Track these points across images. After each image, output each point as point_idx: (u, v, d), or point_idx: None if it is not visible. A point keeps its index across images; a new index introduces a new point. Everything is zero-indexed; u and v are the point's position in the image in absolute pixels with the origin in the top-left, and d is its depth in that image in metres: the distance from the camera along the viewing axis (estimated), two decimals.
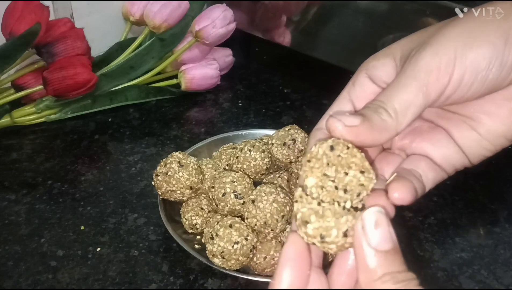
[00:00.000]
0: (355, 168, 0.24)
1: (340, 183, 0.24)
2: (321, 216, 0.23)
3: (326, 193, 0.23)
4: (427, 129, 0.30)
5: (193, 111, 0.62)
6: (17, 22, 0.53)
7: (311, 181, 0.24)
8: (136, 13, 0.62)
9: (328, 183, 0.23)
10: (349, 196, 0.23)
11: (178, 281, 0.40)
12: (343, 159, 0.24)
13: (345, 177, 0.24)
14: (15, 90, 0.57)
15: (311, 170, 0.24)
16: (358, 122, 0.24)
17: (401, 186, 0.25)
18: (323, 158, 0.24)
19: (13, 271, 0.40)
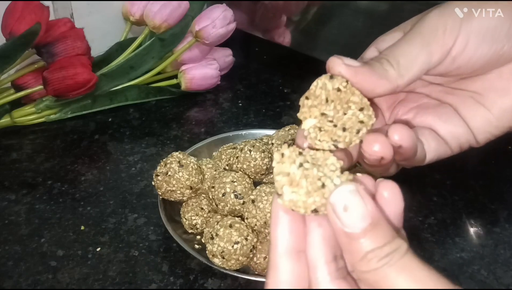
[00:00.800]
0: (354, 106, 0.23)
1: (339, 122, 0.23)
2: (295, 185, 0.21)
3: (324, 133, 0.23)
4: (433, 105, 0.29)
5: (193, 111, 0.62)
6: (17, 22, 0.53)
7: (309, 122, 0.23)
8: (136, 13, 0.62)
9: (327, 123, 0.23)
10: (348, 134, 0.23)
11: (178, 281, 0.40)
12: (342, 94, 0.23)
13: (343, 117, 0.23)
14: (15, 90, 0.57)
15: (309, 110, 0.23)
16: (358, 64, 0.24)
17: (402, 128, 0.24)
18: (321, 93, 0.23)
19: (13, 271, 0.40)
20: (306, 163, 0.22)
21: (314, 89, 0.24)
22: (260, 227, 0.39)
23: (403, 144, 0.24)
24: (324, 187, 0.21)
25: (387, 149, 0.24)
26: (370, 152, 0.24)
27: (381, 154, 0.24)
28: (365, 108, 0.23)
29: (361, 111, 0.23)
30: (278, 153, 0.22)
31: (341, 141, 0.23)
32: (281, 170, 0.21)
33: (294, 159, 0.22)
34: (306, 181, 0.21)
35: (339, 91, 0.23)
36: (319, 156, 0.23)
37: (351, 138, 0.23)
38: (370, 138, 0.24)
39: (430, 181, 0.50)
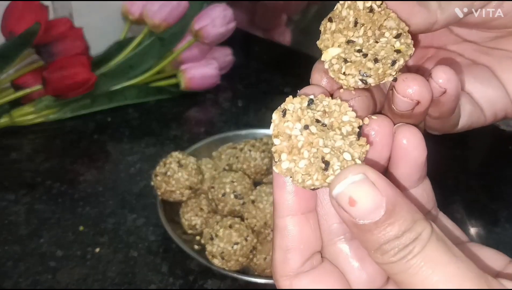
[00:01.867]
0: (388, 33, 0.19)
1: (370, 50, 0.19)
2: (296, 153, 0.17)
3: (350, 64, 0.18)
4: (467, 64, 0.25)
5: (193, 111, 0.62)
6: (16, 22, 0.53)
7: (332, 52, 0.19)
8: (136, 13, 0.62)
9: (355, 53, 0.19)
10: (381, 66, 0.18)
11: (178, 282, 0.40)
12: (375, 16, 0.19)
13: (375, 45, 0.19)
14: (15, 90, 0.57)
15: (332, 36, 0.19)
16: None
17: (448, 70, 0.20)
18: (349, 14, 0.19)
19: (12, 271, 0.40)
20: (313, 124, 0.18)
21: (340, 8, 0.19)
22: (260, 228, 0.39)
23: (448, 89, 0.19)
24: (327, 168, 0.17)
25: (426, 91, 0.19)
26: (405, 93, 0.19)
27: (417, 96, 0.19)
28: (402, 34, 0.19)
29: (397, 39, 0.19)
30: (279, 110, 0.18)
31: (372, 75, 0.18)
32: (282, 130, 0.18)
33: (299, 116, 0.18)
34: (309, 152, 0.17)
35: (371, 11, 0.19)
36: (334, 108, 0.18)
37: (384, 71, 0.18)
38: (406, 76, 0.19)
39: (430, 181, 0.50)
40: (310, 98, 0.19)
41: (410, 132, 0.19)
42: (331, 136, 0.17)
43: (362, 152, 0.17)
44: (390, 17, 0.19)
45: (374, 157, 0.19)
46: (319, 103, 0.19)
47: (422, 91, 0.19)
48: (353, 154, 0.17)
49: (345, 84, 0.19)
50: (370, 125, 0.19)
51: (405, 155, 0.19)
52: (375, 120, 0.19)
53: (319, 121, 0.18)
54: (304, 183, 0.17)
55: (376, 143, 0.19)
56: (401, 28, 0.19)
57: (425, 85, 0.19)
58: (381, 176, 0.16)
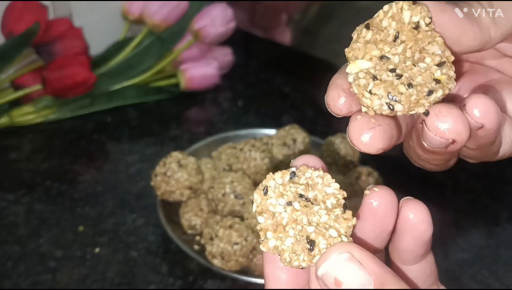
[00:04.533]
0: (430, 58, 0.16)
1: (405, 72, 0.16)
2: (281, 230, 0.17)
3: (379, 84, 0.16)
4: (507, 82, 0.22)
5: (193, 111, 0.62)
6: (16, 22, 0.53)
7: (360, 64, 0.17)
8: (135, 12, 0.62)
9: (387, 72, 0.16)
10: (415, 92, 0.16)
11: (177, 282, 0.40)
12: (420, 35, 0.16)
13: (412, 68, 0.16)
14: (14, 90, 0.57)
15: (365, 47, 0.17)
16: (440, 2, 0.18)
17: (486, 100, 0.17)
18: (391, 26, 0.17)
19: (12, 271, 0.40)
20: (296, 199, 0.17)
21: (381, 17, 0.17)
22: None
23: (486, 124, 0.17)
24: (313, 248, 0.16)
25: (463, 129, 0.17)
26: (437, 131, 0.16)
27: (452, 135, 0.17)
28: (446, 64, 0.16)
29: (439, 67, 0.16)
30: (260, 189, 0.17)
31: (402, 101, 0.16)
32: (265, 208, 0.17)
33: (281, 192, 0.17)
34: (295, 229, 0.16)
35: (417, 28, 0.16)
36: (317, 180, 0.17)
37: (418, 99, 0.16)
38: (440, 109, 0.17)
39: (431, 182, 0.50)
40: (292, 171, 0.18)
41: (417, 207, 0.18)
42: (315, 211, 0.17)
43: (349, 227, 0.17)
44: (435, 41, 0.17)
45: (376, 230, 0.18)
46: (302, 175, 0.18)
47: (458, 129, 0.17)
48: (339, 230, 0.17)
49: (368, 105, 0.16)
50: (372, 197, 0.18)
51: (410, 230, 0.18)
52: (377, 193, 0.18)
53: (302, 195, 0.17)
54: (292, 263, 0.17)
55: (378, 216, 0.18)
56: (445, 56, 0.17)
57: (462, 121, 0.17)
58: (368, 254, 0.16)
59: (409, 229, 0.18)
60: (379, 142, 0.17)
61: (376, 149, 0.17)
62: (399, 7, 0.17)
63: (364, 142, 0.17)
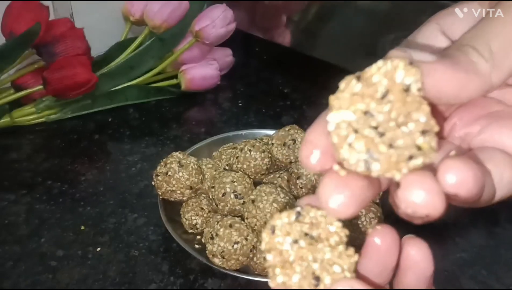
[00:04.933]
0: (414, 124, 0.16)
1: (388, 132, 0.16)
2: (288, 267, 0.17)
3: (360, 138, 0.16)
4: (508, 115, 0.20)
5: (193, 111, 0.62)
6: (16, 22, 0.53)
7: (342, 115, 0.16)
8: (136, 13, 0.62)
9: (368, 128, 0.16)
10: (395, 154, 0.15)
11: (178, 281, 0.40)
12: (409, 98, 0.16)
13: (396, 129, 0.16)
14: (15, 90, 0.57)
15: (352, 98, 0.16)
16: (433, 58, 0.16)
17: (460, 164, 0.15)
18: (382, 82, 0.16)
19: (12, 271, 0.40)
20: (302, 238, 0.17)
21: (373, 71, 0.16)
22: (260, 227, 0.39)
23: (461, 193, 0.16)
24: (319, 283, 0.17)
25: (437, 202, 0.16)
26: (408, 205, 0.16)
27: (425, 210, 0.16)
28: (429, 133, 0.16)
29: (422, 135, 0.16)
30: (268, 228, 0.18)
31: (380, 160, 0.16)
32: (273, 246, 0.18)
33: (287, 231, 0.18)
34: (301, 266, 0.17)
35: (407, 91, 0.16)
36: (320, 220, 0.18)
37: (398, 162, 0.16)
38: (411, 181, 0.16)
39: None
40: (297, 211, 0.18)
41: (419, 245, 0.18)
42: (320, 248, 0.17)
43: (351, 263, 0.17)
44: (422, 108, 0.16)
45: (379, 267, 0.19)
46: (306, 215, 0.18)
47: (431, 204, 0.16)
48: (343, 266, 0.17)
49: (344, 158, 0.16)
50: (374, 235, 0.18)
51: (412, 267, 0.18)
52: (379, 231, 0.18)
53: (307, 234, 0.18)
54: None
55: (381, 254, 0.18)
56: (430, 126, 0.16)
57: (437, 194, 0.15)
58: (369, 288, 0.16)
59: (411, 266, 0.18)
60: (349, 208, 0.16)
61: (346, 215, 0.16)
62: (395, 65, 0.16)
63: (333, 207, 0.16)
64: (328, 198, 0.16)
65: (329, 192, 0.16)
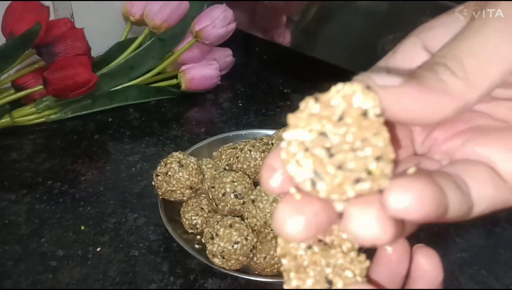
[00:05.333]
0: (371, 149, 0.16)
1: (338, 154, 0.16)
2: (302, 271, 0.18)
3: (309, 156, 0.16)
4: (496, 129, 0.19)
5: (193, 111, 0.62)
6: (17, 22, 0.53)
7: (297, 134, 0.16)
8: (136, 13, 0.62)
9: (320, 149, 0.16)
10: (341, 176, 0.15)
11: (178, 281, 0.40)
12: (366, 123, 0.16)
13: (349, 153, 0.16)
14: (15, 90, 0.57)
15: (309, 118, 0.16)
16: (399, 82, 0.16)
17: (411, 183, 0.15)
18: (340, 106, 0.16)
19: (13, 271, 0.40)
20: (316, 244, 0.18)
21: (333, 94, 0.16)
22: (260, 227, 0.39)
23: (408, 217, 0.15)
24: (331, 287, 0.17)
25: (381, 233, 0.15)
26: (352, 235, 0.15)
27: (370, 240, 0.15)
28: (384, 159, 0.16)
29: (376, 161, 0.15)
30: None
31: (326, 180, 0.16)
32: (288, 251, 0.18)
33: None
34: (314, 271, 0.18)
35: (364, 116, 0.16)
36: (333, 227, 0.18)
37: (342, 184, 0.15)
38: (355, 211, 0.15)
39: None
40: None
41: (429, 254, 0.19)
42: (332, 254, 0.18)
43: (363, 269, 0.18)
44: (381, 134, 0.16)
45: (390, 274, 0.19)
46: None
47: (374, 235, 0.15)
48: (354, 271, 0.18)
49: (292, 175, 0.16)
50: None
51: (423, 276, 0.19)
52: None
53: (321, 240, 0.18)
54: None
55: (392, 262, 0.19)
56: (386, 152, 0.16)
57: (381, 225, 0.15)
58: None
59: (421, 275, 0.19)
60: (302, 232, 0.16)
61: (301, 239, 0.16)
62: (353, 89, 0.16)
63: (287, 232, 0.16)
64: (282, 223, 0.16)
65: (283, 218, 0.16)
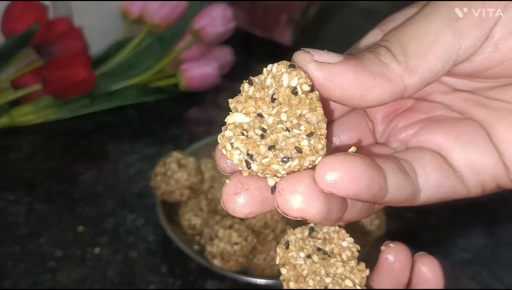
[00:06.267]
0: (304, 126, 0.16)
1: (271, 135, 0.16)
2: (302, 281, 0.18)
3: (243, 139, 0.16)
4: (452, 119, 0.19)
5: (193, 110, 0.62)
6: (16, 22, 0.53)
7: (236, 117, 0.16)
8: (135, 12, 0.62)
9: (257, 129, 0.16)
10: (271, 156, 0.16)
11: (177, 282, 0.40)
12: (295, 100, 0.16)
13: (281, 132, 0.16)
14: (14, 90, 0.57)
15: (246, 101, 0.16)
16: (338, 59, 0.16)
17: (342, 158, 0.15)
18: (271, 86, 0.16)
19: (12, 271, 0.40)
20: (315, 253, 0.18)
21: (265, 75, 0.17)
22: (259, 228, 0.39)
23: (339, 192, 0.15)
24: None
25: (310, 207, 0.15)
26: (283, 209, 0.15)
27: (299, 213, 0.15)
28: (315, 135, 0.16)
29: (308, 137, 0.16)
30: (282, 244, 0.19)
31: (255, 161, 0.16)
32: (287, 260, 0.18)
33: (301, 246, 0.18)
34: (314, 280, 0.18)
35: (294, 93, 0.16)
36: (333, 235, 0.19)
37: (270, 163, 0.16)
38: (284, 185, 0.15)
39: None
40: (311, 227, 0.19)
41: (430, 262, 0.19)
42: (332, 263, 0.18)
43: (362, 277, 0.18)
44: (315, 109, 0.16)
45: (392, 283, 0.20)
46: (319, 230, 0.19)
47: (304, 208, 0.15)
48: (354, 280, 0.18)
49: (228, 157, 0.16)
50: (388, 253, 0.19)
51: (424, 283, 0.19)
52: (393, 249, 0.19)
53: (320, 249, 0.19)
54: None
55: (394, 271, 0.20)
56: (318, 128, 0.16)
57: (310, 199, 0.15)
58: None
59: (423, 283, 0.19)
60: (245, 207, 0.16)
61: (244, 214, 0.16)
62: (279, 68, 0.16)
63: (231, 207, 0.16)
64: (227, 199, 0.16)
65: (228, 194, 0.16)
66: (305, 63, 0.16)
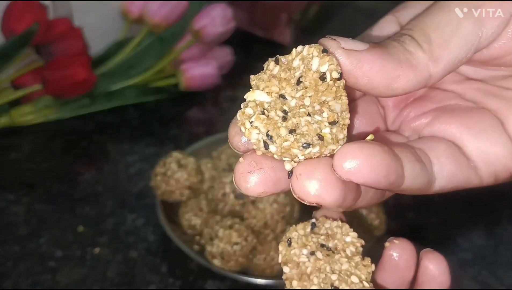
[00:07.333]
0: (326, 114, 0.16)
1: (293, 118, 0.15)
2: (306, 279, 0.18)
3: (263, 119, 0.16)
4: (463, 108, 0.19)
5: (193, 111, 0.62)
6: (16, 22, 0.53)
7: (257, 95, 0.16)
8: (135, 12, 0.62)
9: (278, 111, 0.16)
10: (292, 140, 0.15)
11: (177, 282, 0.40)
12: (323, 87, 0.16)
13: (304, 116, 0.16)
14: (14, 90, 0.57)
15: (270, 80, 0.16)
16: (365, 47, 0.16)
17: (361, 146, 0.15)
18: (298, 68, 0.16)
19: (12, 271, 0.40)
20: (319, 249, 0.18)
21: (293, 56, 0.16)
22: (260, 228, 0.39)
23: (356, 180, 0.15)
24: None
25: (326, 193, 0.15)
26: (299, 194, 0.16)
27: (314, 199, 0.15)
28: (338, 124, 0.16)
29: (330, 125, 0.16)
30: (284, 241, 0.18)
31: (276, 143, 0.15)
32: (290, 258, 0.18)
33: (304, 243, 0.18)
34: (318, 278, 0.17)
35: (322, 79, 0.16)
36: (336, 231, 0.18)
37: (290, 147, 0.15)
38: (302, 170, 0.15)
39: None
40: (313, 222, 0.19)
41: (437, 259, 0.19)
42: (336, 259, 0.18)
43: (368, 273, 0.18)
44: (340, 97, 0.16)
45: (397, 280, 0.20)
46: (322, 226, 0.19)
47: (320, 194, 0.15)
48: (360, 276, 0.18)
49: (246, 136, 0.16)
50: (392, 249, 0.19)
51: (430, 281, 0.19)
52: (397, 245, 0.19)
53: (324, 245, 0.18)
54: None
55: (399, 268, 0.19)
56: (342, 117, 0.16)
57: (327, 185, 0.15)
58: None
59: (429, 280, 0.19)
60: (258, 186, 0.16)
61: (257, 193, 0.16)
62: (311, 51, 0.16)
63: (244, 186, 0.16)
64: (241, 177, 0.16)
65: (242, 172, 0.16)
66: (332, 50, 0.16)
